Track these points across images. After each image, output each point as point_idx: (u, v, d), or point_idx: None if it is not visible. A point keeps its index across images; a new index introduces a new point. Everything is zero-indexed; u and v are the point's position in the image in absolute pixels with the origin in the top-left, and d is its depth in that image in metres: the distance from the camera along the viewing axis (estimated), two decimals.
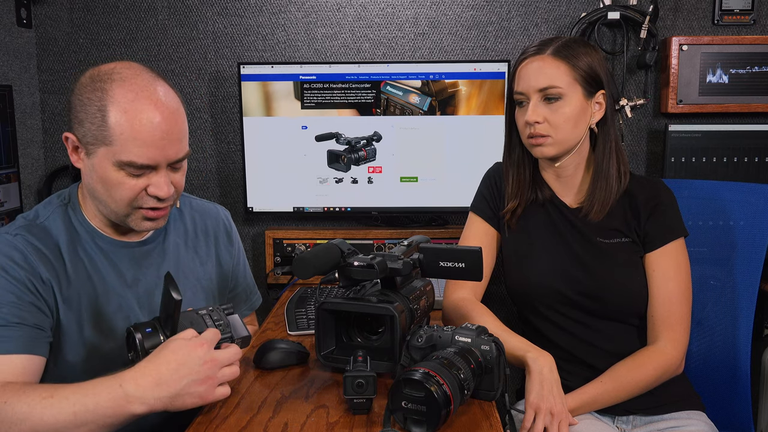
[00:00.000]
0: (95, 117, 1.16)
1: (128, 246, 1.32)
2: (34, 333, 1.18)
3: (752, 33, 2.17)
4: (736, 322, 1.63)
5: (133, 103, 1.16)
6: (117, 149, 1.16)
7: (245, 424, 1.09)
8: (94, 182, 1.22)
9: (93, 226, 1.30)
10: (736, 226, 1.64)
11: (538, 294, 1.45)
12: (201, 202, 1.50)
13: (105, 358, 1.25)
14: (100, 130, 1.16)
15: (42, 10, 2.22)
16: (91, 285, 1.26)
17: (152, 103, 1.17)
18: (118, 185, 1.19)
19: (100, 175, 1.20)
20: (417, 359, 1.17)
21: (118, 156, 1.16)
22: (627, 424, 1.44)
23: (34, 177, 2.23)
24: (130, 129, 1.15)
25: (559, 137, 1.38)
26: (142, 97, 1.17)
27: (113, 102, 1.16)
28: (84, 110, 1.17)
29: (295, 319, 1.63)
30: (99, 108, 1.16)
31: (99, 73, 1.19)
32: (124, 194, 1.20)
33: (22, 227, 1.24)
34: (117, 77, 1.18)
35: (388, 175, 2.15)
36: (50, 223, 1.26)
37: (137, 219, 1.24)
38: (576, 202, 1.47)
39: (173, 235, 1.39)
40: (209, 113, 2.26)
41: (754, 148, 2.10)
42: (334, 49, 2.23)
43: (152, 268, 1.33)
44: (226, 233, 1.50)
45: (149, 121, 1.16)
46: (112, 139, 1.16)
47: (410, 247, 1.33)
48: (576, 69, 1.37)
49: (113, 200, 1.21)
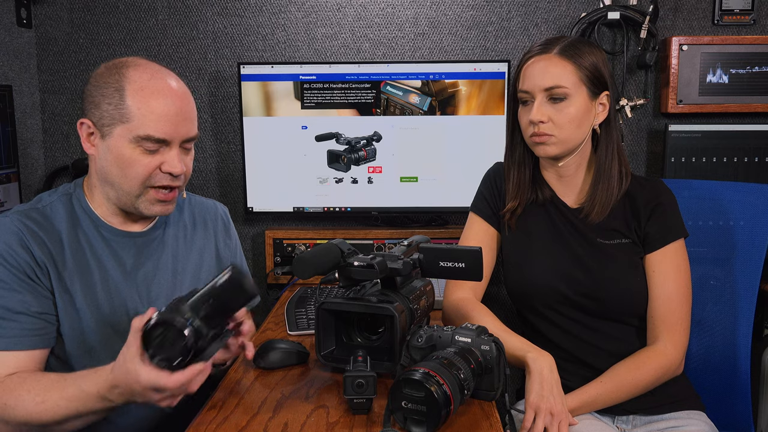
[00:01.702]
0: (113, 97, 1.23)
1: (130, 236, 1.35)
2: (37, 323, 1.22)
3: (752, 33, 2.17)
4: (736, 322, 1.63)
5: (150, 81, 1.24)
6: (134, 125, 1.23)
7: (245, 424, 1.10)
8: (109, 164, 1.26)
9: (97, 214, 1.33)
10: (736, 226, 1.64)
11: (538, 294, 1.45)
12: (200, 198, 1.54)
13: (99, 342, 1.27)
14: (117, 109, 1.23)
15: (42, 10, 2.22)
16: (90, 271, 1.29)
17: (166, 83, 1.26)
18: (133, 163, 1.25)
19: (116, 154, 1.25)
20: (417, 359, 1.17)
21: (136, 131, 1.23)
22: (627, 424, 1.44)
23: (34, 177, 2.23)
24: (147, 104, 1.23)
25: (563, 137, 1.38)
26: (158, 77, 1.26)
27: (130, 81, 1.24)
28: (101, 93, 1.24)
29: (295, 319, 1.63)
30: (116, 89, 1.23)
31: (114, 63, 1.28)
32: (139, 171, 1.25)
33: (21, 211, 1.28)
34: (132, 63, 1.27)
35: (388, 175, 2.15)
36: (52, 209, 1.30)
37: (148, 202, 1.29)
38: (577, 202, 1.47)
39: (173, 228, 1.42)
40: (209, 113, 2.26)
41: (754, 148, 2.10)
42: (334, 49, 2.23)
43: (152, 258, 1.36)
44: (224, 228, 1.53)
45: (165, 97, 1.24)
46: (130, 116, 1.23)
47: (410, 247, 1.33)
48: (581, 69, 1.37)
49: (127, 179, 1.26)
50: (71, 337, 1.26)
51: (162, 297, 1.35)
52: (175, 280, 1.38)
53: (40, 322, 1.22)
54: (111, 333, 1.28)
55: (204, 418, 1.12)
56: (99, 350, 1.27)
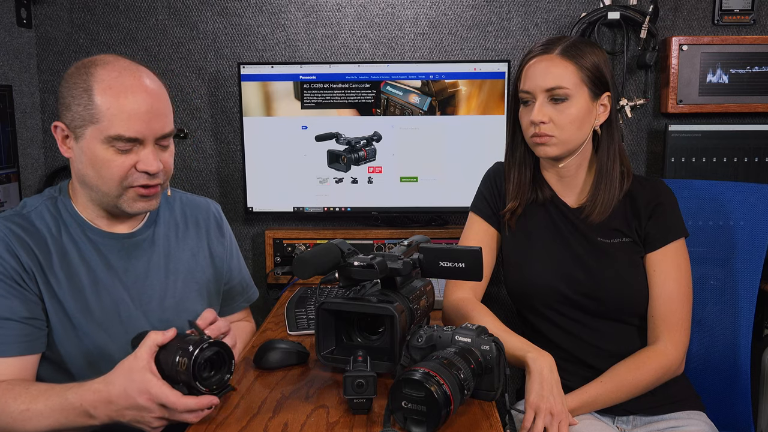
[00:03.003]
0: (81, 98, 1.20)
1: (117, 237, 1.33)
2: (26, 329, 1.20)
3: (752, 33, 2.17)
4: (736, 322, 1.63)
5: (117, 79, 1.21)
6: (104, 125, 1.20)
7: (245, 424, 1.09)
8: (84, 167, 1.24)
9: (83, 217, 1.31)
10: (736, 226, 1.64)
11: (539, 294, 1.45)
12: (191, 196, 1.51)
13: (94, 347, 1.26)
14: (86, 110, 1.20)
15: (42, 10, 2.22)
16: (78, 275, 1.27)
17: (135, 80, 1.23)
18: (107, 163, 1.22)
19: (90, 156, 1.22)
20: (417, 359, 1.17)
21: (106, 131, 1.20)
22: (627, 424, 1.44)
23: (34, 177, 2.23)
24: (116, 103, 1.20)
25: (564, 138, 1.38)
26: (126, 74, 1.22)
27: (98, 81, 1.21)
28: (70, 94, 1.22)
29: (295, 319, 1.63)
30: (84, 89, 1.20)
31: (83, 62, 1.25)
32: (114, 172, 1.22)
33: (5, 217, 1.26)
34: (100, 62, 1.24)
35: (388, 175, 2.15)
36: (36, 215, 1.28)
37: (129, 199, 1.26)
38: (577, 202, 1.47)
39: (163, 227, 1.40)
40: (209, 113, 2.26)
41: (754, 148, 2.10)
42: (334, 49, 2.23)
43: (142, 259, 1.34)
44: (217, 225, 1.50)
45: (134, 94, 1.21)
46: (99, 116, 1.19)
47: (410, 247, 1.33)
48: (583, 70, 1.36)
49: (104, 181, 1.23)
50: (65, 341, 1.25)
51: (155, 298, 1.34)
52: (167, 280, 1.36)
53: (28, 327, 1.20)
54: (104, 336, 1.27)
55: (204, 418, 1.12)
56: (96, 354, 1.26)
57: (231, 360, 1.11)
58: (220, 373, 1.11)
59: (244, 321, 1.60)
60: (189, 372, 1.05)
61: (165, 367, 1.08)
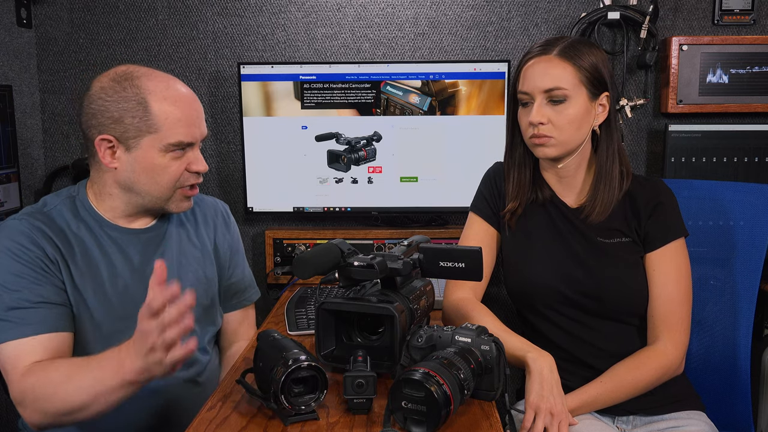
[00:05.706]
0: (136, 110, 1.26)
1: (135, 232, 1.38)
2: (58, 310, 1.25)
3: (752, 33, 2.17)
4: (736, 322, 1.63)
5: (168, 90, 1.29)
6: (164, 134, 1.27)
7: (245, 424, 1.09)
8: (136, 174, 1.30)
9: (101, 214, 1.36)
10: (736, 226, 1.64)
11: (538, 294, 1.45)
12: (200, 195, 1.56)
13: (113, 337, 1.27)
14: (143, 121, 1.26)
15: (42, 10, 2.22)
16: (98, 267, 1.32)
17: (182, 89, 1.32)
18: (164, 169, 1.30)
19: (145, 165, 1.29)
20: (417, 359, 1.17)
21: (166, 139, 1.28)
22: (627, 424, 1.44)
23: (34, 177, 2.23)
24: (174, 112, 1.28)
25: (562, 138, 1.38)
26: (172, 85, 1.31)
27: (151, 93, 1.27)
28: (119, 108, 1.26)
29: (295, 319, 1.63)
30: (138, 102, 1.26)
31: (120, 75, 1.29)
32: (171, 176, 1.31)
33: (27, 213, 1.32)
34: (138, 73, 1.29)
35: (388, 175, 2.15)
36: (56, 212, 1.33)
37: (177, 200, 1.35)
38: (577, 202, 1.47)
39: (176, 223, 1.46)
40: (209, 113, 2.26)
41: (754, 148, 2.10)
42: (334, 49, 2.23)
43: (157, 252, 1.40)
44: (224, 222, 1.56)
45: (183, 102, 1.30)
46: (158, 126, 1.27)
47: (410, 247, 1.33)
48: (581, 70, 1.36)
49: (158, 186, 1.31)
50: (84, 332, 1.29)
51: None
52: (179, 273, 1.40)
53: (60, 308, 1.26)
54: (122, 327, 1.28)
55: (204, 418, 1.12)
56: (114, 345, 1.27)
57: (324, 389, 1.10)
58: (308, 395, 1.10)
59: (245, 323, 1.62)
60: (280, 381, 1.06)
61: (264, 369, 1.11)
